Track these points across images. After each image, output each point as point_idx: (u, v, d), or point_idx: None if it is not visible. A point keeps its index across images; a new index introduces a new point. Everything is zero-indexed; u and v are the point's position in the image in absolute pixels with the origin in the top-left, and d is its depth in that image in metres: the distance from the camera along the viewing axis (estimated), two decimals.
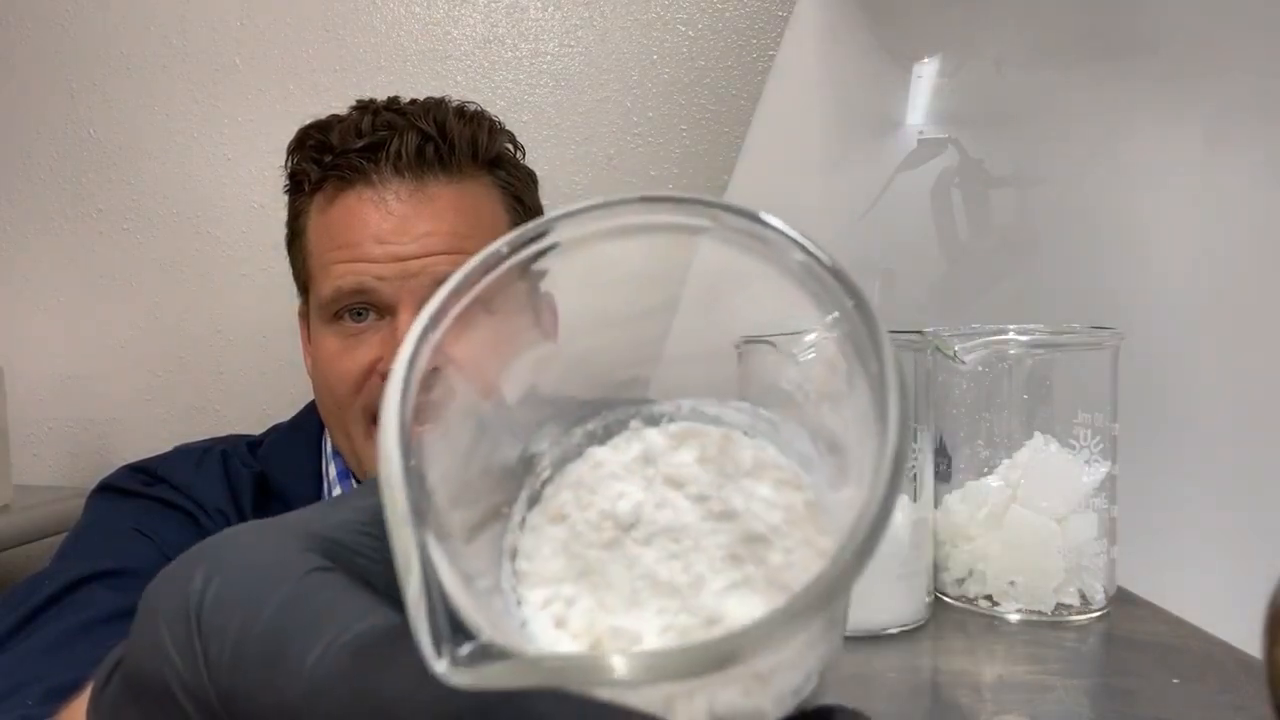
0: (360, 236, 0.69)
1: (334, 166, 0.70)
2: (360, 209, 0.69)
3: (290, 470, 0.77)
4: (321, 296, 0.71)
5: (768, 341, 0.45)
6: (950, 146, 0.84)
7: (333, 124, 0.72)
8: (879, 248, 0.86)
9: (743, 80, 1.12)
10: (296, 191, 0.74)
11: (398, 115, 0.70)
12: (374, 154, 0.69)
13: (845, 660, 0.43)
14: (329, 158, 0.70)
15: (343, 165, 0.69)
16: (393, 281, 0.68)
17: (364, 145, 0.69)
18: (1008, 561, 0.47)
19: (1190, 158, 0.76)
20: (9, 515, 1.10)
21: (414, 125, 0.70)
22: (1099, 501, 0.48)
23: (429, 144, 0.70)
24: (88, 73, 1.24)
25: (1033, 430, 0.48)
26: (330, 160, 0.70)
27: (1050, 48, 0.81)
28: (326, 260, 0.70)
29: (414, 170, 0.70)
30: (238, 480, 0.75)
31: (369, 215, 0.69)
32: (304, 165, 0.72)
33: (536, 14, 1.16)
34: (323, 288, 0.71)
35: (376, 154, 0.69)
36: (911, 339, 0.46)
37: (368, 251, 0.68)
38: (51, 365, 1.27)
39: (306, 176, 0.72)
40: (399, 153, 0.69)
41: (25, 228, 1.27)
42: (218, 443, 0.80)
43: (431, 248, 0.68)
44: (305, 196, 0.73)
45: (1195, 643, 0.44)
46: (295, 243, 0.75)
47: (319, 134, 0.72)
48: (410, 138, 0.69)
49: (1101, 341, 0.49)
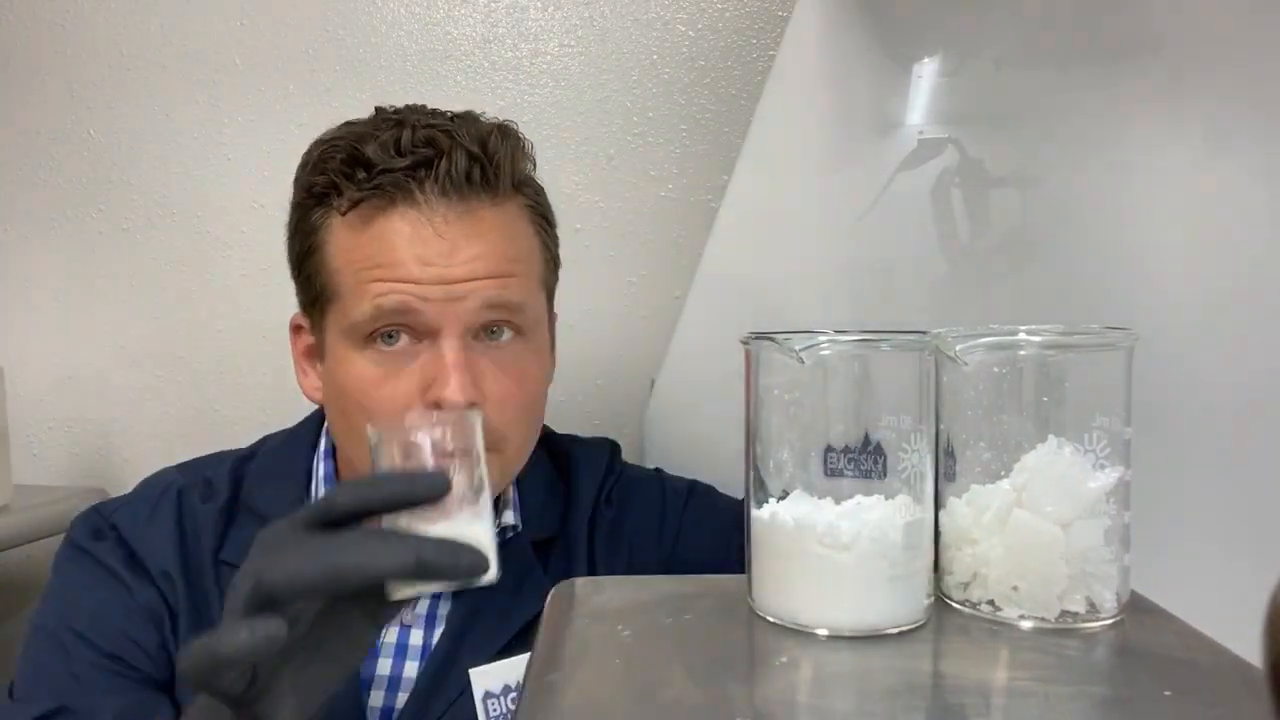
0: (404, 257, 0.66)
1: (374, 185, 0.66)
2: (404, 229, 0.67)
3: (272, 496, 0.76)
4: (354, 316, 0.68)
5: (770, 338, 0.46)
6: (950, 146, 0.84)
7: (365, 137, 0.68)
8: (879, 248, 0.86)
9: (743, 80, 1.12)
10: (317, 205, 0.70)
11: (439, 133, 0.67)
12: (418, 173, 0.67)
13: (840, 657, 0.42)
14: (363, 173, 0.67)
15: (384, 184, 0.66)
16: (438, 304, 0.66)
17: (410, 164, 0.66)
18: (1010, 566, 0.46)
19: (1190, 158, 0.75)
20: (9, 515, 1.10)
21: (460, 144, 0.67)
22: (1109, 507, 0.46)
23: (475, 165, 0.67)
24: (88, 73, 1.24)
25: (1046, 433, 0.47)
26: (367, 177, 0.67)
27: (1050, 48, 0.81)
28: (363, 279, 0.67)
29: (461, 192, 0.67)
30: (193, 523, 0.75)
31: (414, 237, 0.66)
32: (334, 179, 0.68)
33: (536, 14, 1.16)
34: (356, 307, 0.67)
35: (421, 173, 0.67)
36: (912, 339, 0.46)
37: (411, 272, 0.66)
38: (51, 365, 1.27)
39: (335, 191, 0.68)
40: (448, 173, 0.67)
41: (25, 227, 1.27)
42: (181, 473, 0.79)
43: (478, 271, 0.67)
44: (327, 211, 0.70)
45: (1203, 655, 0.43)
46: (310, 259, 0.71)
47: (350, 147, 0.68)
48: (459, 158, 0.67)
49: (1115, 343, 0.48)
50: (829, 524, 0.44)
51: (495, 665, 0.70)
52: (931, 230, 0.84)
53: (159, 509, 0.76)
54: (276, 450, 0.81)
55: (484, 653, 0.71)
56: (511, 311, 0.69)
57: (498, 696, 0.70)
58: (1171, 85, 0.76)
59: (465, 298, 0.67)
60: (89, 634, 0.71)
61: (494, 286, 0.67)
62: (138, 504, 0.77)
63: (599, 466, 0.83)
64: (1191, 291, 0.75)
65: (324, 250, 0.70)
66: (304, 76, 1.20)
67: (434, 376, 0.66)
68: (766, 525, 0.46)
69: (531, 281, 0.72)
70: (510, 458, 0.71)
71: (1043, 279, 0.81)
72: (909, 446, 0.45)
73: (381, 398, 0.67)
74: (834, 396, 0.45)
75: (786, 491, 0.46)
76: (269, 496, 0.76)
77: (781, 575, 0.46)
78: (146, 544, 0.74)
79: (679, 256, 1.14)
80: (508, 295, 0.68)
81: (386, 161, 0.66)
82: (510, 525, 0.76)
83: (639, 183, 1.15)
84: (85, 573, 0.74)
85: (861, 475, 0.45)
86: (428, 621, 0.75)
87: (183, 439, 1.24)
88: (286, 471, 0.78)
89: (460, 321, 0.67)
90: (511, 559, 0.76)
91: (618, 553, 0.80)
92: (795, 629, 0.45)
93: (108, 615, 0.72)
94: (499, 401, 0.68)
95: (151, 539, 0.74)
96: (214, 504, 0.76)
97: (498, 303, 0.68)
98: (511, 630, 0.73)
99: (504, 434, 0.69)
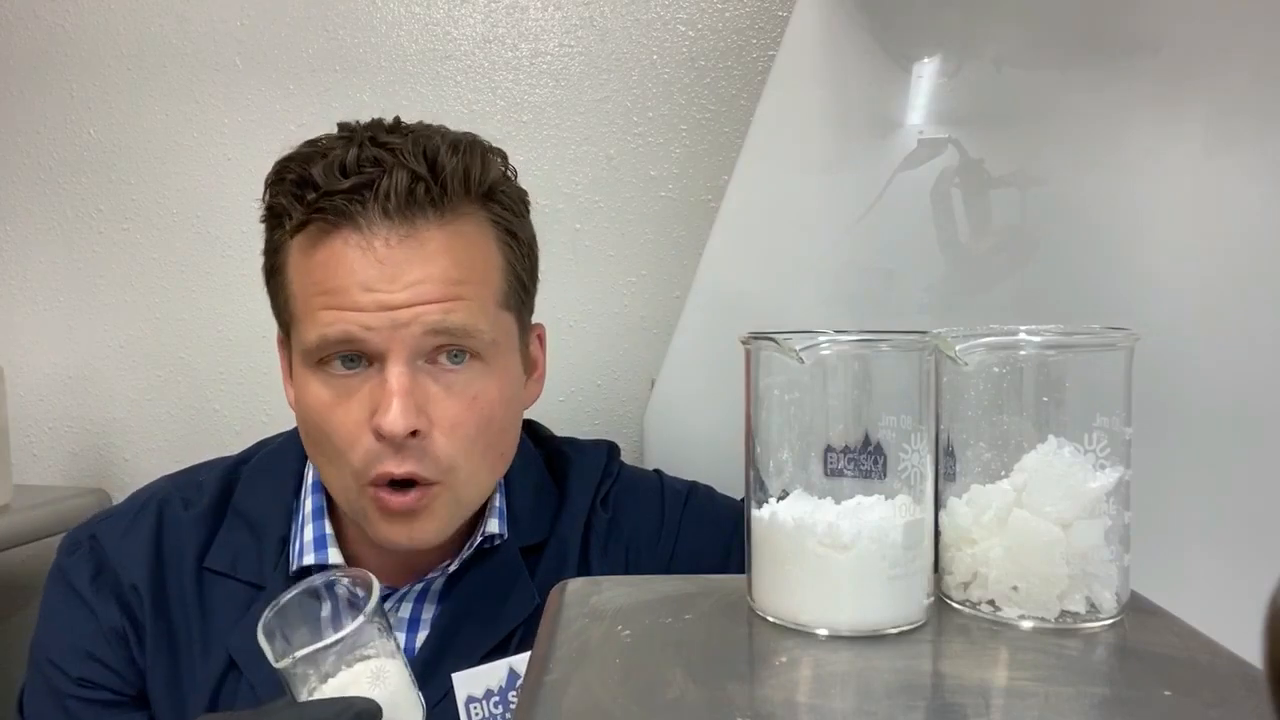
0: (347, 283, 0.65)
1: (318, 208, 0.65)
2: (347, 254, 0.65)
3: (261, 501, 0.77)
4: (306, 342, 0.67)
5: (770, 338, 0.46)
6: (950, 146, 0.84)
7: (314, 157, 0.66)
8: (879, 248, 0.86)
9: (743, 80, 1.12)
10: (275, 227, 0.70)
11: (384, 151, 0.65)
12: (360, 195, 0.65)
13: (840, 657, 0.42)
14: (311, 195, 0.65)
15: (327, 208, 0.65)
16: (381, 331, 0.64)
17: (350, 186, 0.64)
18: (1010, 566, 0.46)
19: (1190, 158, 0.75)
20: (9, 515, 1.10)
21: (403, 164, 0.65)
22: (1109, 507, 0.46)
23: (419, 184, 0.65)
24: (88, 73, 1.24)
25: (1046, 433, 0.47)
26: (314, 199, 0.65)
27: (1050, 48, 0.81)
28: (312, 305, 0.67)
29: (403, 213, 0.65)
30: (174, 535, 0.76)
31: (356, 262, 0.65)
32: (284, 202, 0.67)
33: (536, 14, 1.16)
34: (307, 333, 0.67)
35: (363, 194, 0.65)
36: (913, 339, 0.46)
37: (355, 300, 0.65)
38: (51, 365, 1.27)
39: (287, 214, 0.67)
40: (388, 194, 0.64)
41: (25, 228, 1.27)
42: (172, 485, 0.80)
43: (423, 296, 0.65)
44: (284, 233, 0.68)
45: (1203, 655, 0.43)
46: (275, 278, 0.71)
47: (300, 168, 0.66)
48: (400, 177, 0.64)
49: (1115, 343, 0.47)
50: (829, 524, 0.44)
51: (478, 670, 0.70)
52: (931, 230, 0.84)
53: (138, 521, 0.76)
54: (271, 454, 0.81)
55: (468, 657, 0.71)
56: (459, 336, 0.67)
57: (480, 700, 0.70)
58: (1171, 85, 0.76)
59: (409, 324, 0.65)
60: (60, 662, 0.73)
61: (438, 311, 0.65)
62: (119, 515, 0.78)
63: (595, 469, 0.83)
64: (1191, 291, 0.75)
65: (284, 272, 0.70)
66: (304, 76, 1.20)
67: (379, 403, 0.65)
68: (766, 525, 0.46)
69: (487, 303, 0.69)
70: (461, 485, 0.69)
71: (1043, 279, 0.81)
72: (909, 446, 0.45)
73: (335, 422, 0.67)
74: (834, 396, 0.45)
75: (786, 491, 0.46)
76: (257, 499, 0.77)
77: (781, 575, 0.46)
78: (119, 556, 0.74)
79: (679, 256, 1.14)
80: (454, 320, 0.66)
81: (330, 183, 0.65)
82: (496, 534, 0.75)
83: (639, 183, 1.15)
84: (58, 597, 0.75)
85: (861, 475, 0.45)
86: (411, 625, 0.75)
87: (183, 439, 1.25)
88: (277, 475, 0.78)
89: (405, 347, 0.65)
90: (497, 566, 0.76)
91: (615, 555, 0.79)
92: (795, 629, 0.45)
93: (75, 641, 0.73)
94: (448, 427, 0.67)
95: (125, 551, 0.75)
96: (197, 510, 0.76)
97: (442, 329, 0.66)
98: (496, 636, 0.73)
99: (451, 463, 0.67)
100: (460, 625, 0.74)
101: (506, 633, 0.73)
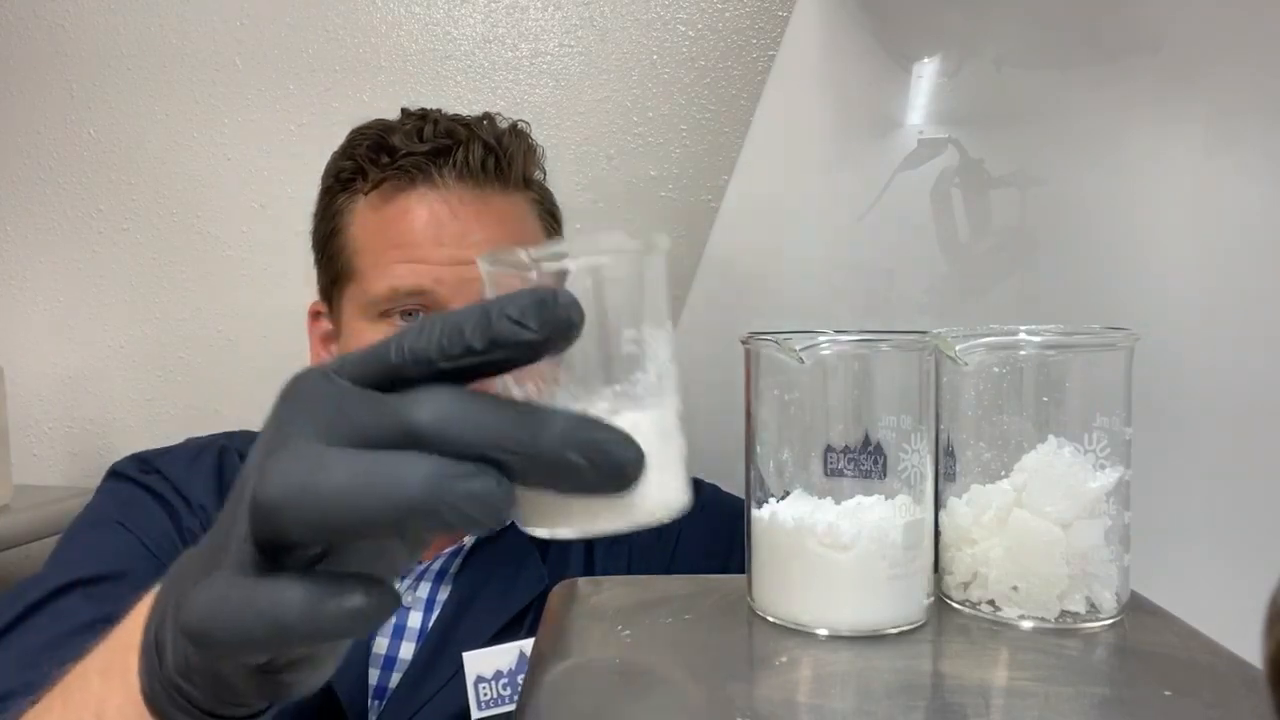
0: (421, 237, 0.71)
1: (397, 165, 0.72)
2: (422, 210, 0.72)
3: None
4: (373, 293, 0.72)
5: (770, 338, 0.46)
6: (950, 146, 0.84)
7: (393, 127, 0.74)
8: (879, 248, 0.86)
9: (743, 80, 1.12)
10: (343, 189, 0.76)
11: (460, 126, 0.74)
12: (439, 159, 0.72)
13: (840, 657, 0.42)
14: (387, 158, 0.72)
15: (406, 165, 0.72)
16: (450, 285, 0.70)
17: (429, 149, 0.72)
18: (1010, 566, 0.46)
19: (1190, 158, 0.75)
20: (9, 515, 1.10)
21: (477, 136, 0.73)
22: (1109, 507, 0.46)
23: (491, 156, 0.73)
24: (88, 73, 1.24)
25: (1046, 433, 0.47)
26: (392, 161, 0.72)
27: (1050, 48, 0.81)
28: (382, 258, 0.72)
29: (476, 179, 0.73)
30: (231, 475, 0.77)
31: (431, 216, 0.72)
32: (360, 164, 0.74)
33: (536, 14, 1.16)
34: (375, 284, 0.72)
35: (441, 159, 0.72)
36: (913, 339, 0.46)
37: (428, 254, 0.71)
38: (51, 365, 1.27)
39: (362, 174, 0.74)
40: (465, 161, 0.72)
41: (25, 228, 1.27)
42: (227, 438, 0.82)
43: None
44: (352, 194, 0.75)
45: (1203, 655, 0.43)
46: (334, 240, 0.76)
47: (377, 135, 0.74)
48: (475, 148, 0.72)
49: (1115, 342, 0.48)
50: (829, 524, 0.44)
51: (488, 650, 0.72)
52: (931, 230, 0.84)
53: (200, 459, 0.78)
54: None
55: (477, 638, 0.73)
56: None
57: (489, 681, 0.71)
58: (1171, 85, 0.76)
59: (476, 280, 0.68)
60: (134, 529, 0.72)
61: None
62: (178, 452, 0.79)
63: None
64: (1191, 291, 0.75)
65: (347, 232, 0.75)
66: (304, 76, 1.19)
67: None
68: (766, 525, 0.46)
69: None
70: None
71: (1043, 279, 0.81)
72: (909, 446, 0.45)
73: None
74: (834, 396, 0.45)
75: (786, 491, 0.46)
76: None
77: (781, 575, 0.46)
78: (189, 483, 0.76)
79: (679, 256, 1.14)
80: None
81: (409, 146, 0.72)
82: None
83: (639, 183, 1.15)
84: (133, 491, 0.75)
85: (861, 475, 0.45)
86: (427, 605, 0.77)
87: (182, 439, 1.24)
88: None
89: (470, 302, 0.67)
90: (509, 548, 0.78)
91: (619, 547, 0.80)
92: (795, 629, 0.45)
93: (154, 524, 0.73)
94: None
95: (194, 479, 0.76)
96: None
97: None
98: (505, 617, 0.74)
99: None
100: (471, 605, 0.75)
101: (517, 611, 0.75)
